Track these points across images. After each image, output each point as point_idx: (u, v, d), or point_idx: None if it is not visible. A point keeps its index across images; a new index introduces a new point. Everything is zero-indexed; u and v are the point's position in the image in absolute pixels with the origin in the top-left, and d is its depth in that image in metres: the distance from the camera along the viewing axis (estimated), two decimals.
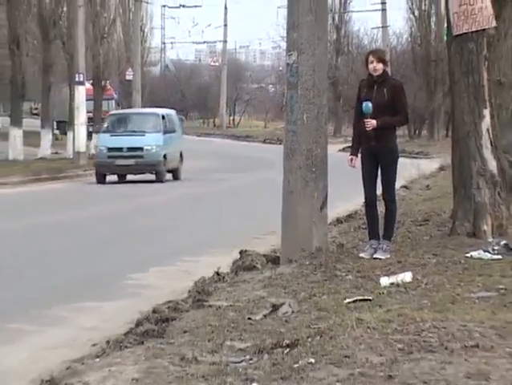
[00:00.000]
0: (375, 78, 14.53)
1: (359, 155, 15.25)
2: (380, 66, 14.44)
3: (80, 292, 13.34)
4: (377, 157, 14.62)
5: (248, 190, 31.95)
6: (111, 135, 45.28)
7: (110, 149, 43.59)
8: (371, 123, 14.25)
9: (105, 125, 48.25)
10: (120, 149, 43.38)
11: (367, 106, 14.27)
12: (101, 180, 42.67)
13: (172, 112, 51.32)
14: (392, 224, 15.22)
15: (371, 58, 14.68)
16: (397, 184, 16.29)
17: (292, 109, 15.12)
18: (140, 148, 42.64)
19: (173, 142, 45.83)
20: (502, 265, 14.06)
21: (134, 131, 44.69)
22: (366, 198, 15.14)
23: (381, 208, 15.39)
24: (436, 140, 59.40)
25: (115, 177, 44.05)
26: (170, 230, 21.74)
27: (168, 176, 44.44)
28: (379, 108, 14.35)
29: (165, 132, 44.38)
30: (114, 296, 13.23)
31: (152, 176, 44.35)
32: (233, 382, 8.08)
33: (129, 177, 45.71)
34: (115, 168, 43.29)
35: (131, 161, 42.04)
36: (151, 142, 43.25)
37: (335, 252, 15.03)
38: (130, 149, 42.86)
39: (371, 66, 14.56)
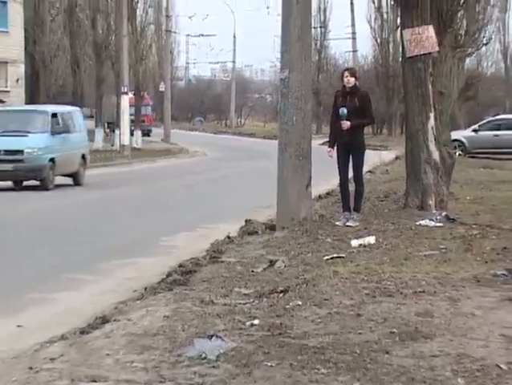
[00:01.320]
0: (348, 89, 14.80)
1: (335, 147, 15.39)
2: (352, 79, 14.78)
3: (125, 251, 13.38)
4: (349, 149, 14.89)
5: (250, 174, 31.82)
6: None
7: None
8: (346, 124, 14.52)
9: None
10: None
11: (343, 111, 14.54)
12: None
13: (73, 110, 37.33)
14: (360, 199, 15.36)
15: (346, 73, 15.11)
16: (364, 170, 16.30)
17: (285, 113, 15.18)
18: (20, 151, 30.51)
19: (69, 143, 32.91)
20: (443, 231, 14.12)
21: (15, 132, 31.66)
22: (340, 180, 15.30)
23: (352, 187, 15.44)
24: (393, 136, 59.19)
25: None
26: (191, 205, 21.70)
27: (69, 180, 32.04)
28: (351, 113, 14.58)
29: (56, 133, 31.49)
30: (150, 254, 13.27)
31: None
32: (240, 319, 8.17)
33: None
34: None
35: (8, 166, 29.84)
36: (33, 144, 30.87)
37: (317, 221, 15.07)
38: (7, 152, 30.66)
39: (345, 80, 14.89)
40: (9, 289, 10.42)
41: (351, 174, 15.34)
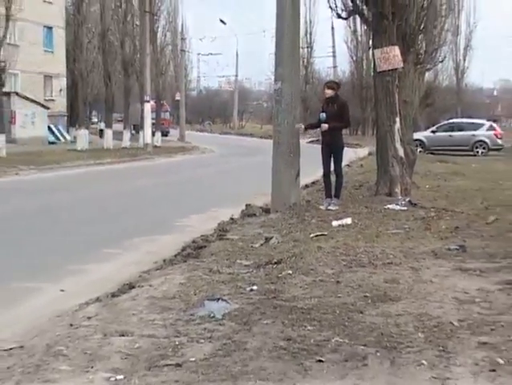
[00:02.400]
0: (328, 98, 14.75)
1: (321, 146, 15.48)
2: (329, 91, 14.88)
3: (147, 230, 13.36)
4: (330, 147, 14.87)
5: (249, 167, 31.77)
6: None
7: None
8: (324, 126, 14.59)
9: None
10: None
11: (322, 116, 14.73)
12: None
13: None
14: (339, 188, 15.31)
15: (324, 87, 15.13)
16: (343, 164, 16.28)
17: (278, 117, 15.12)
18: None
19: None
20: (407, 213, 14.10)
21: None
22: (324, 171, 15.25)
23: (333, 178, 15.41)
24: (366, 137, 59.00)
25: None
26: (201, 192, 21.70)
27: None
28: (330, 117, 14.59)
29: None
30: (168, 232, 13.25)
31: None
32: (242, 285, 8.16)
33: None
34: None
35: None
36: None
37: (304, 205, 15.04)
38: None
39: (324, 92, 14.89)
40: (52, 262, 10.43)
41: (332, 167, 15.31)
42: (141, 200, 19.55)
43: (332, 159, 15.15)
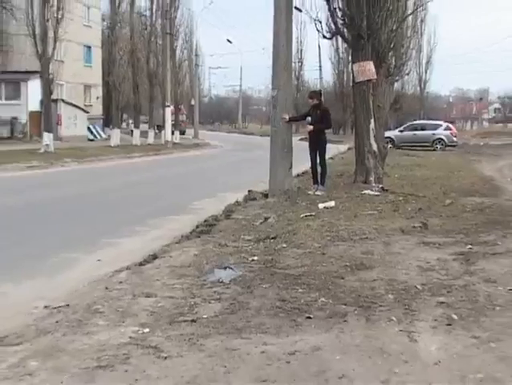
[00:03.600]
0: (312, 105, 14.82)
1: (308, 143, 15.55)
2: (313, 100, 14.90)
3: (168, 211, 13.34)
4: (316, 144, 14.89)
5: (251, 160, 31.69)
6: None
7: None
8: (310, 128, 14.77)
9: None
10: None
11: (308, 119, 15.02)
12: None
13: None
14: (324, 176, 15.33)
15: (308, 96, 15.13)
16: (327, 157, 16.24)
17: (274, 119, 15.09)
18: None
19: None
20: (380, 198, 14.08)
21: None
22: (311, 163, 15.26)
23: (319, 169, 15.39)
24: (346, 135, 58.82)
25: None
26: (211, 180, 21.69)
27: None
28: (315, 120, 14.72)
29: None
30: (185, 213, 13.23)
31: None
32: (245, 256, 8.15)
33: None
34: None
35: None
36: None
37: (296, 191, 14.97)
38: None
39: (309, 100, 14.93)
40: (91, 236, 10.43)
41: (318, 160, 15.32)
42: (163, 186, 19.54)
43: (318, 153, 15.20)
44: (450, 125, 47.02)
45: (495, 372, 4.51)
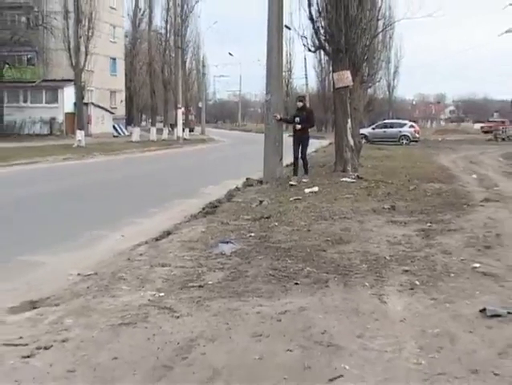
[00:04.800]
0: (299, 107, 14.62)
1: (292, 138, 15.51)
2: (300, 103, 14.73)
3: (180, 195, 13.31)
4: (300, 140, 14.76)
5: (248, 152, 31.56)
6: None
7: None
8: (298, 126, 14.55)
9: None
10: None
11: (296, 119, 14.70)
12: None
13: None
14: (306, 167, 15.28)
15: (297, 100, 15.00)
16: (310, 150, 16.24)
17: (268, 118, 15.08)
18: None
19: None
20: (355, 184, 14.06)
21: None
22: (294, 157, 15.17)
23: (301, 162, 15.38)
24: (328, 132, 58.59)
25: None
26: (217, 169, 21.66)
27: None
28: (301, 120, 14.52)
29: None
30: (194, 197, 13.18)
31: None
32: (244, 232, 8.14)
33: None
34: None
35: None
36: None
37: (285, 179, 14.96)
38: None
39: (297, 103, 14.70)
40: (116, 216, 10.40)
41: (300, 154, 15.31)
42: (175, 175, 19.50)
43: (300, 148, 15.14)
44: (414, 124, 46.97)
45: (449, 327, 4.55)
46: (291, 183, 14.01)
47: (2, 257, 7.11)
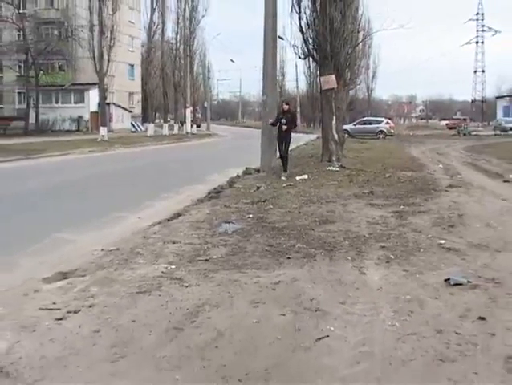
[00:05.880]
0: (285, 110, 14.00)
1: (277, 137, 15.18)
2: (286, 106, 13.84)
3: (188, 182, 13.24)
4: (284, 139, 13.99)
5: (247, 146, 31.54)
6: None
7: None
8: (285, 127, 13.59)
9: None
10: None
11: (283, 121, 13.61)
12: None
13: None
14: (286, 166, 14.44)
15: (282, 103, 14.17)
16: (301, 143, 16.14)
17: (264, 116, 15.01)
18: None
19: None
20: (339, 172, 14.05)
21: None
22: (280, 154, 14.69)
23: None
24: (316, 128, 58.44)
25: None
26: (219, 160, 21.58)
27: None
28: (287, 121, 13.85)
29: None
30: (201, 183, 13.11)
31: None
32: (243, 214, 8.13)
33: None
34: None
35: None
36: None
37: (279, 168, 14.94)
38: None
39: (283, 106, 14.05)
40: (134, 201, 10.36)
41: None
42: (184, 164, 19.43)
43: (283, 146, 14.54)
44: (389, 121, 46.75)
45: (419, 294, 4.55)
46: (282, 178, 13.82)
47: (40, 235, 7.11)
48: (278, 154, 15.07)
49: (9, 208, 9.30)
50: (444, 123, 72.19)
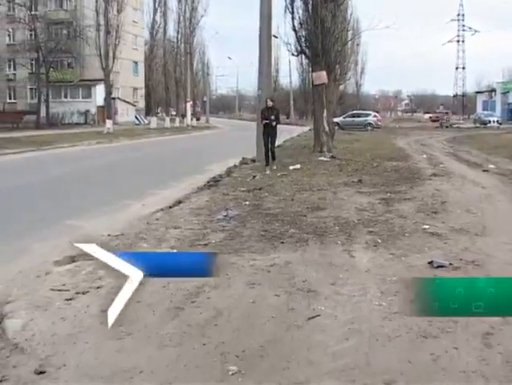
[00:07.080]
0: (269, 106, 13.47)
1: (262, 132, 14.81)
2: (271, 103, 13.27)
3: (189, 172, 13.21)
4: (270, 134, 13.49)
5: (243, 137, 31.51)
6: None
7: None
8: (273, 123, 12.80)
9: None
10: None
11: (272, 117, 13.13)
12: None
13: None
14: (274, 155, 13.60)
15: (267, 100, 13.49)
16: (293, 135, 16.12)
17: (260, 109, 14.91)
18: None
19: None
20: (330, 162, 14.03)
21: None
22: (265, 149, 13.79)
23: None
24: (308, 120, 58.09)
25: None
26: (219, 150, 21.51)
27: None
28: (274, 117, 13.40)
29: None
30: (200, 173, 13.06)
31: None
32: (240, 201, 8.13)
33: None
34: None
35: None
36: None
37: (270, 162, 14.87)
38: None
39: (268, 102, 13.50)
40: (138, 189, 10.34)
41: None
42: (185, 155, 19.40)
43: (270, 140, 13.84)
44: (376, 114, 46.72)
45: (404, 275, 4.55)
46: (267, 172, 12.52)
47: (52, 222, 7.13)
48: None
49: (22, 198, 9.28)
50: (427, 116, 72.08)
